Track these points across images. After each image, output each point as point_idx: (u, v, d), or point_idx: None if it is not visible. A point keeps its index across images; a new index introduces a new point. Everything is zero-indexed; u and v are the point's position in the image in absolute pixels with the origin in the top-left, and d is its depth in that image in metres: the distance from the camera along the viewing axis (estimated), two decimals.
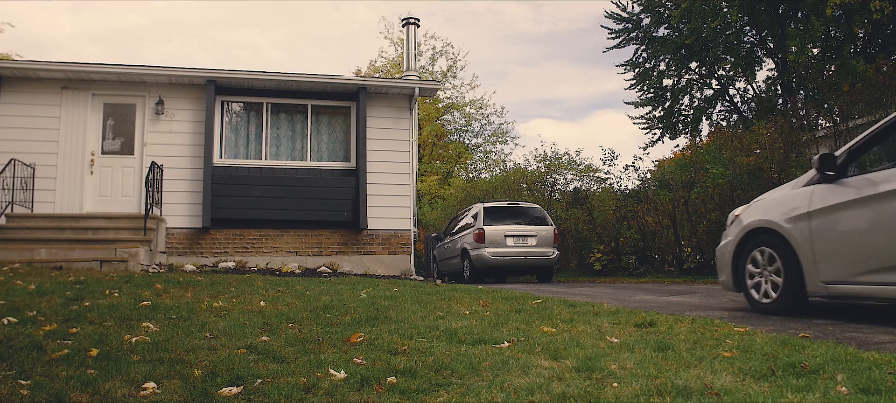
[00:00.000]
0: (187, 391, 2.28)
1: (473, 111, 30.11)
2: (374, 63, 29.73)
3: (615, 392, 2.26)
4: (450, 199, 23.97)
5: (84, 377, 2.42)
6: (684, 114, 19.55)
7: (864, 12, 13.62)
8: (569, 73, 56.13)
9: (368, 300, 5.28)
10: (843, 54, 15.18)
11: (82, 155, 10.53)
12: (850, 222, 4.28)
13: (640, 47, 18.83)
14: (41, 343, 3.01)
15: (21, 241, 8.94)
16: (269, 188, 10.85)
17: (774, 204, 4.88)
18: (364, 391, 2.31)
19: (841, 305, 5.25)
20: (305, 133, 11.39)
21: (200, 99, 10.90)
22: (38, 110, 10.48)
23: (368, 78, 17.80)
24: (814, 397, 2.18)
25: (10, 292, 4.99)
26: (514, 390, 2.29)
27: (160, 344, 3.06)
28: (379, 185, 11.27)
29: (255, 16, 51.39)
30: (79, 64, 10.40)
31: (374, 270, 11.08)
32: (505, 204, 13.13)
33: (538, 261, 12.20)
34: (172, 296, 5.06)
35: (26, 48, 42.46)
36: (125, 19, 48.59)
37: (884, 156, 4.93)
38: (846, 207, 4.30)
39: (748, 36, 17.64)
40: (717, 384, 2.35)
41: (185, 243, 10.63)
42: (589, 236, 15.78)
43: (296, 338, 3.36)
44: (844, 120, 11.32)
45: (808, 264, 4.45)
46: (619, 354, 2.95)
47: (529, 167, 20.73)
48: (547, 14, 53.08)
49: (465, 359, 2.81)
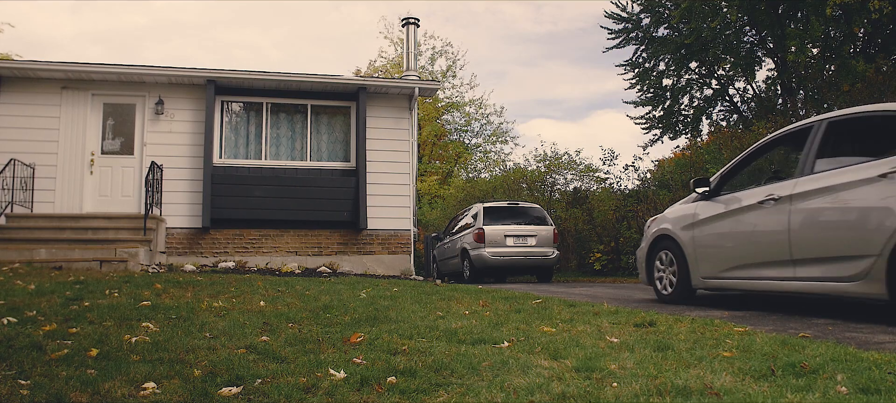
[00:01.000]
0: (187, 391, 2.28)
1: (473, 111, 30.13)
2: (374, 63, 29.75)
3: (615, 392, 2.26)
4: (449, 199, 23.97)
5: (84, 377, 2.42)
6: (684, 114, 19.54)
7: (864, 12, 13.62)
8: (569, 73, 56.16)
9: (368, 300, 5.28)
10: (842, 54, 15.18)
11: (82, 155, 10.53)
12: (717, 231, 5.42)
13: (640, 47, 18.82)
14: (41, 343, 3.01)
15: (21, 241, 8.94)
16: (269, 188, 10.85)
17: (673, 216, 6.05)
18: (364, 391, 2.31)
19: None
20: (305, 133, 11.39)
21: (200, 99, 10.90)
22: (38, 110, 10.47)
23: (368, 78, 17.80)
24: (814, 397, 2.18)
25: (9, 292, 4.99)
26: (514, 390, 2.29)
27: (160, 344, 3.06)
28: (379, 185, 11.27)
29: (255, 16, 51.41)
30: (79, 64, 10.40)
31: (373, 270, 11.08)
32: (505, 204, 13.13)
33: (538, 261, 12.20)
34: (172, 296, 5.06)
35: (26, 48, 42.48)
36: (125, 19, 48.62)
37: (748, 178, 6.34)
38: (716, 219, 5.44)
39: (748, 36, 17.64)
40: (716, 384, 2.35)
41: (184, 243, 10.63)
42: (589, 236, 15.79)
43: (296, 338, 3.36)
44: None
45: (692, 264, 5.63)
46: (619, 354, 2.95)
47: (529, 167, 20.76)
48: (547, 14, 53.12)
49: (464, 359, 2.81)
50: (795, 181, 4.73)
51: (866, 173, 4.18)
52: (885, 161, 4.09)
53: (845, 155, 4.68)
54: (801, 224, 4.58)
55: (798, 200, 4.62)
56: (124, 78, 10.65)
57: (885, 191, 4.00)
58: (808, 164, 4.73)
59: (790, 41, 14.57)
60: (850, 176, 4.30)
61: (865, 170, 4.20)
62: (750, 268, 5.06)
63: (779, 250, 4.75)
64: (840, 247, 4.29)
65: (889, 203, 3.94)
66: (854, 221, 4.23)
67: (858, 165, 4.31)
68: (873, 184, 4.09)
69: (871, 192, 4.11)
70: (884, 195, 4.01)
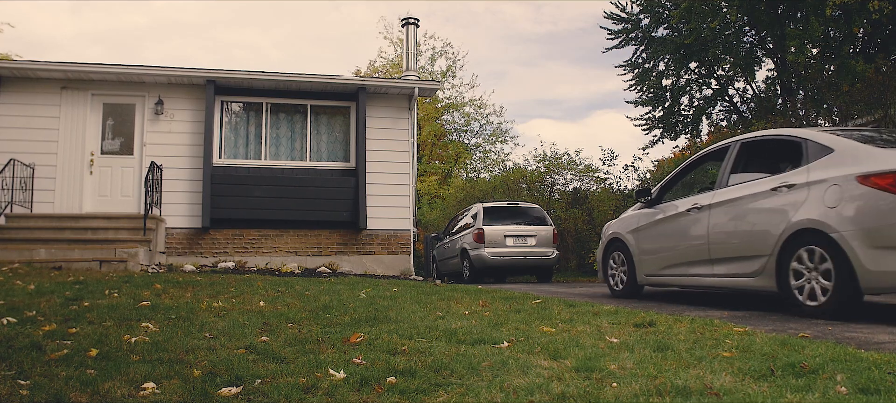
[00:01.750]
0: (187, 391, 2.28)
1: (473, 111, 30.12)
2: (374, 63, 29.73)
3: (615, 392, 2.26)
4: (449, 199, 23.96)
5: (83, 377, 2.42)
6: (684, 114, 19.51)
7: (864, 12, 13.61)
8: (568, 73, 56.14)
9: (368, 300, 5.28)
10: (842, 54, 15.17)
11: (82, 155, 10.52)
12: (655, 235, 6.24)
13: (640, 48, 18.80)
14: (40, 344, 3.01)
15: (20, 241, 8.93)
16: (269, 188, 10.85)
17: (624, 221, 6.92)
18: (363, 391, 2.31)
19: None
20: (305, 133, 11.39)
21: (200, 99, 10.90)
22: (38, 110, 10.47)
23: (368, 78, 17.80)
24: (813, 397, 2.18)
25: (9, 292, 4.99)
26: (514, 390, 2.29)
27: (160, 344, 3.06)
28: (378, 185, 11.27)
29: (255, 16, 51.39)
30: (78, 64, 10.39)
31: (373, 270, 11.08)
32: (504, 204, 13.13)
33: (538, 261, 12.20)
34: (172, 296, 5.06)
35: (26, 48, 42.47)
36: (125, 19, 48.60)
37: (684, 189, 7.31)
38: (654, 225, 6.28)
39: (747, 36, 17.62)
40: (716, 384, 2.35)
41: (184, 243, 10.63)
42: (588, 236, 15.78)
43: (295, 338, 3.36)
44: (844, 120, 11.32)
45: (637, 264, 6.48)
46: (619, 354, 2.95)
47: (529, 167, 20.75)
48: (547, 14, 53.11)
49: (464, 359, 2.81)
50: (714, 192, 5.58)
51: (762, 187, 5.04)
52: (775, 177, 4.98)
53: (753, 171, 5.48)
54: (716, 229, 5.44)
55: (715, 209, 5.48)
56: (124, 78, 10.65)
57: (775, 202, 4.86)
58: (725, 178, 5.57)
59: (790, 41, 14.56)
60: (750, 189, 5.16)
61: (761, 185, 5.07)
62: (680, 267, 5.88)
63: (701, 251, 5.58)
64: (743, 249, 5.13)
65: (777, 212, 4.79)
66: (752, 227, 5.05)
67: (757, 180, 5.18)
68: (767, 197, 4.96)
69: (764, 203, 4.97)
70: (774, 206, 4.86)
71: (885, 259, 4.08)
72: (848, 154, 4.57)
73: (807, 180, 4.66)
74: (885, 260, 4.08)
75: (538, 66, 54.18)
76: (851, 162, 4.47)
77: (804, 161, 4.81)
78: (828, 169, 4.58)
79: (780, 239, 4.71)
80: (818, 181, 4.57)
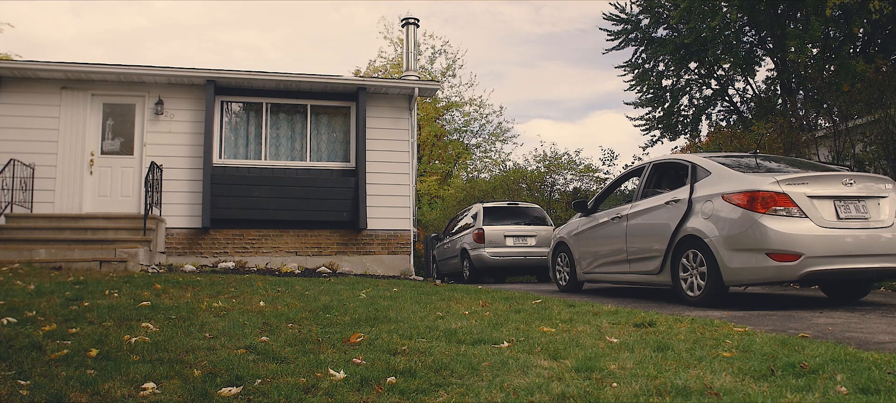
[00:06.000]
0: (187, 391, 2.28)
1: (472, 110, 30.11)
2: (374, 63, 29.70)
3: (615, 392, 2.26)
4: (449, 200, 23.95)
5: (83, 377, 2.42)
6: (683, 114, 19.51)
7: (864, 12, 13.61)
8: (568, 74, 56.13)
9: (368, 300, 5.28)
10: (842, 54, 15.16)
11: (82, 155, 10.52)
12: (590, 238, 7.41)
13: (639, 48, 18.80)
14: (41, 344, 3.01)
15: (20, 241, 8.93)
16: (269, 188, 10.85)
17: (568, 226, 8.09)
18: (363, 391, 2.31)
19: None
20: (305, 133, 11.39)
21: (200, 99, 10.90)
22: (38, 110, 10.46)
23: (368, 78, 17.80)
24: (813, 397, 2.18)
25: (9, 292, 4.99)
26: (514, 390, 2.29)
27: (160, 345, 3.06)
28: (378, 185, 11.27)
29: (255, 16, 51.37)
30: (78, 64, 10.39)
31: (373, 270, 11.08)
32: (504, 204, 13.13)
33: (538, 261, 12.20)
34: (172, 296, 5.06)
35: (27, 49, 42.44)
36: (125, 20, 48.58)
37: (614, 200, 8.72)
38: (589, 230, 7.44)
39: (747, 36, 17.62)
40: (716, 384, 2.35)
41: (184, 243, 10.63)
42: None
43: (295, 338, 3.36)
44: (844, 120, 11.30)
45: (577, 263, 7.64)
46: (619, 354, 2.95)
47: (529, 167, 20.75)
48: (546, 15, 53.09)
49: (464, 359, 2.81)
50: (632, 204, 6.70)
51: (660, 201, 6.17)
52: (669, 193, 6.11)
53: (660, 187, 6.62)
54: (631, 234, 6.52)
55: (631, 217, 6.58)
56: (124, 78, 10.65)
57: (669, 214, 5.93)
58: (639, 193, 6.73)
59: (790, 41, 14.55)
60: (654, 202, 6.28)
61: (661, 199, 6.18)
62: (606, 265, 7.04)
63: (621, 253, 6.68)
64: (647, 251, 6.21)
65: (669, 221, 5.85)
66: (653, 233, 6.13)
67: (659, 195, 6.31)
68: (664, 209, 6.06)
69: (662, 215, 6.06)
70: (667, 217, 5.92)
71: (740, 259, 5.13)
72: (720, 176, 5.60)
73: (691, 197, 5.70)
74: (739, 259, 5.14)
75: (537, 67, 54.21)
76: (721, 182, 5.51)
77: (690, 181, 5.85)
78: (705, 188, 5.64)
79: (671, 244, 5.77)
80: (698, 197, 5.63)
